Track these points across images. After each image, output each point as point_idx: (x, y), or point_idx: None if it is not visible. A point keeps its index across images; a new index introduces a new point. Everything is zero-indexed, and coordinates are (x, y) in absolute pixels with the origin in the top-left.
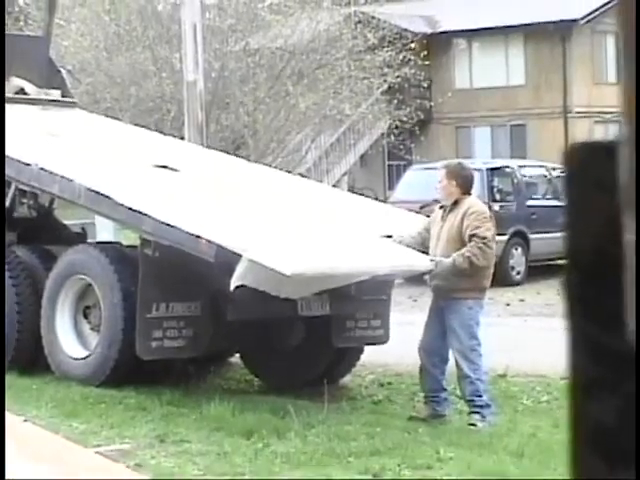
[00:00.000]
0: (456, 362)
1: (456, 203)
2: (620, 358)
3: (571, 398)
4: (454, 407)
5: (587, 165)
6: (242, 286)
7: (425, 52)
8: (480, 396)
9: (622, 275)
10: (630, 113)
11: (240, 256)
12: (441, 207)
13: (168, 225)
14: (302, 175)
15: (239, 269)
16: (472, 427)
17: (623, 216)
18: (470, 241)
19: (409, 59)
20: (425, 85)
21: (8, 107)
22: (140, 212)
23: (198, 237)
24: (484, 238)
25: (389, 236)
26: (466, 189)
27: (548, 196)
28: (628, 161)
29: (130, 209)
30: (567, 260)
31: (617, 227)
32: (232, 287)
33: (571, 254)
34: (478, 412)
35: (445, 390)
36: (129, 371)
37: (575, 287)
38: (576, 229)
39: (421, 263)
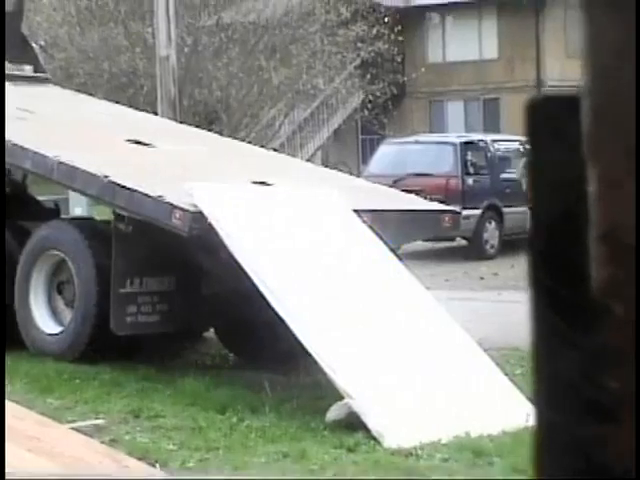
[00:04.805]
0: None
1: None
2: (583, 312)
3: (534, 354)
4: None
5: (549, 118)
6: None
7: (398, 26)
8: None
9: (586, 229)
10: (589, 64)
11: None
12: None
13: (142, 194)
14: (275, 150)
15: (339, 407)
16: None
17: (587, 169)
18: None
19: (382, 33)
20: (398, 59)
21: None
22: (114, 184)
23: (172, 207)
24: None
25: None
26: None
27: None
28: (590, 113)
29: (103, 182)
30: (531, 214)
31: (581, 180)
32: (327, 420)
33: (535, 207)
34: None
35: None
36: (103, 347)
37: (539, 242)
38: (540, 182)
39: None
